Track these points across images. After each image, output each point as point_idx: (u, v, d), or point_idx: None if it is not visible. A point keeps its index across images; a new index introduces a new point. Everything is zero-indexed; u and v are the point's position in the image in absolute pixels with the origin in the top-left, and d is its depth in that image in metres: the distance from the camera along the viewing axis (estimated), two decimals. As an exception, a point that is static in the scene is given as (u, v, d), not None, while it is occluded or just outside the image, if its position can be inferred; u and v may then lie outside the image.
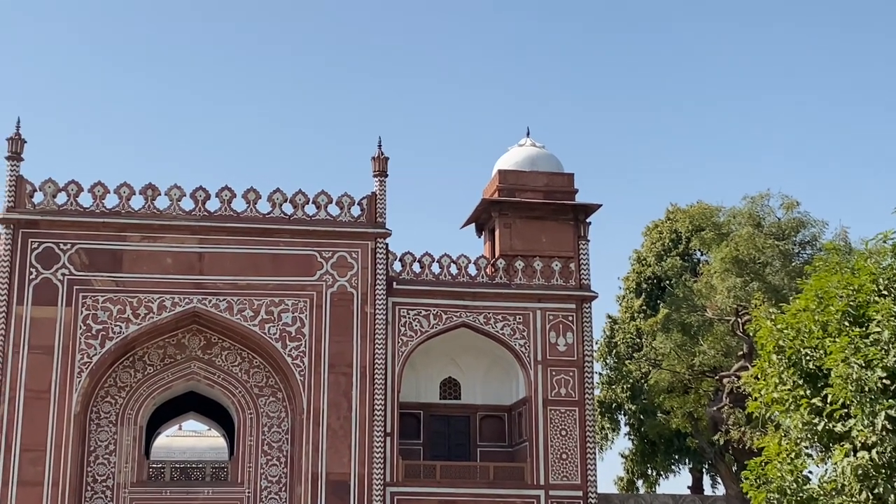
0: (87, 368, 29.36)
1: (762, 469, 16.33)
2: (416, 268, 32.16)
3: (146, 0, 74.05)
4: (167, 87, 75.97)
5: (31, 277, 29.55)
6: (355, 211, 31.71)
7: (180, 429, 44.70)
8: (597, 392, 37.89)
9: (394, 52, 75.89)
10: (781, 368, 15.98)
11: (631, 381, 41.12)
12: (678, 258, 41.33)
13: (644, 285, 43.05)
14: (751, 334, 27.34)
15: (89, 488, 30.06)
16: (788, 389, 15.83)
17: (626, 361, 41.19)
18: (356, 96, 77.14)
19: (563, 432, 31.56)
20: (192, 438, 45.93)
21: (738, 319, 32.13)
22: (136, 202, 30.70)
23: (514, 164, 34.17)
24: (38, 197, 30.19)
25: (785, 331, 16.04)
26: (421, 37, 76.30)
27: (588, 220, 33.40)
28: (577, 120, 75.49)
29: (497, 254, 32.97)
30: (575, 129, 73.96)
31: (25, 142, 30.45)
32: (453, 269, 32.30)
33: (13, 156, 30.25)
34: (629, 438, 43.41)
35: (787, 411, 15.85)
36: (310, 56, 76.19)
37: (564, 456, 31.44)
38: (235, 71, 75.73)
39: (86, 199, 30.43)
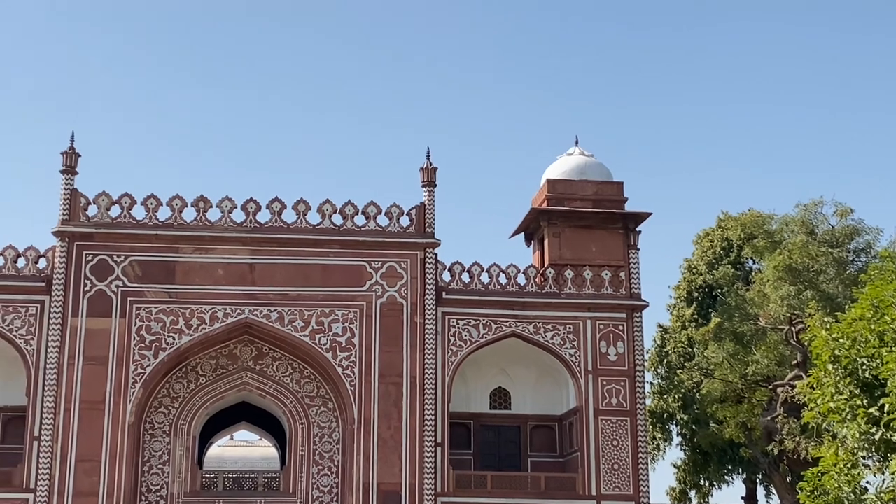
0: (140, 379, 29.67)
1: (819, 480, 16.11)
2: (466, 278, 32.14)
3: (198, 12, 74.94)
4: (217, 99, 76.81)
5: (85, 289, 29.93)
6: (404, 221, 31.78)
7: (232, 439, 45.03)
8: (648, 402, 37.60)
9: (442, 62, 76.13)
10: (837, 378, 15.76)
11: (683, 390, 40.78)
12: (730, 267, 40.99)
13: (695, 294, 42.72)
14: (805, 343, 27.10)
15: (143, 498, 30.35)
16: (845, 399, 15.61)
17: (678, 371, 40.86)
18: (405, 107, 77.47)
19: (615, 442, 31.34)
20: (243, 448, 46.27)
21: (792, 328, 31.77)
22: (189, 214, 31.03)
23: (562, 173, 34.06)
24: (92, 210, 30.59)
25: (840, 340, 15.83)
26: (469, 47, 76.47)
27: (638, 229, 33.20)
28: (627, 128, 75.24)
29: (546, 263, 32.86)
30: (624, 138, 73.72)
31: (80, 155, 30.90)
32: (502, 279, 32.23)
33: (68, 169, 30.69)
34: (681, 449, 43.08)
35: (844, 421, 15.63)
36: (359, 68, 76.61)
37: (616, 466, 31.22)
38: (285, 82, 76.38)
39: (139, 212, 30.83)
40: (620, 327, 32.08)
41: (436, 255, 31.66)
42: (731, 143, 75.42)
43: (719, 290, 40.69)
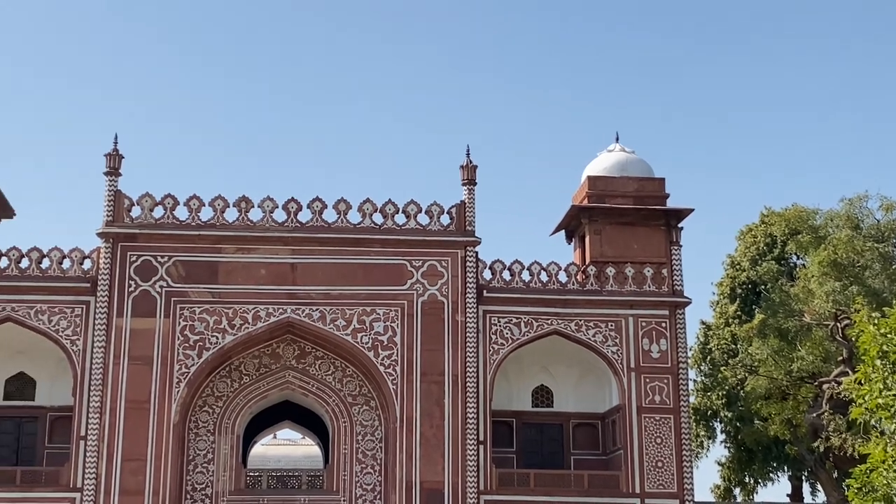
0: (185, 379, 29.90)
1: (867, 477, 15.94)
2: (507, 275, 32.08)
3: (239, 11, 75.44)
4: (256, 98, 77.27)
5: (129, 290, 30.20)
6: (445, 220, 31.79)
7: (275, 437, 45.26)
8: (691, 399, 37.37)
9: (482, 59, 76.09)
10: (886, 373, 15.59)
11: (727, 387, 40.50)
12: (774, 262, 40.68)
13: (738, 290, 42.42)
14: (851, 339, 26.81)
15: (189, 497, 30.60)
16: (894, 395, 15.43)
17: (722, 368, 40.59)
18: (445, 105, 77.50)
19: (659, 440, 31.17)
20: (286, 447, 46.51)
21: (838, 324, 31.44)
22: (230, 214, 31.20)
23: (603, 170, 33.91)
24: (135, 211, 30.86)
25: (888, 335, 15.66)
26: (510, 44, 76.37)
27: (680, 225, 32.98)
28: (668, 124, 74.80)
29: (587, 260, 32.74)
30: (665, 134, 73.31)
31: (123, 157, 31.19)
32: (543, 277, 32.14)
33: (111, 171, 30.98)
34: (725, 446, 42.80)
35: (893, 417, 15.45)
36: (399, 66, 76.76)
37: (660, 464, 31.05)
38: (324, 81, 76.67)
39: (182, 212, 31.05)
40: (663, 324, 31.89)
41: (476, 253, 31.63)
42: (774, 138, 74.83)
43: (763, 287, 40.36)
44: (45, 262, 30.62)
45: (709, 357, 42.17)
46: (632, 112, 72.06)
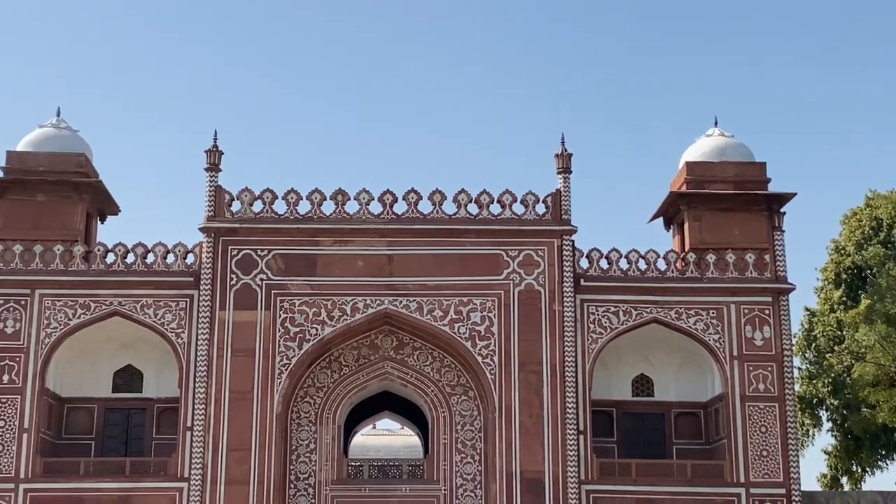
0: (286, 370, 30.32)
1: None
2: (604, 264, 31.79)
3: (337, 6, 76.10)
4: (350, 91, 77.90)
5: (231, 283, 30.72)
6: (540, 209, 31.62)
7: (374, 428, 45.70)
8: (796, 387, 36.61)
9: (575, 46, 75.51)
10: None
11: (832, 375, 39.65)
12: (880, 246, 39.58)
13: (844, 276, 41.48)
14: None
15: (292, 486, 31.07)
16: None
17: (827, 355, 39.76)
18: (537, 93, 77.13)
19: (763, 429, 30.61)
20: (386, 437, 46.93)
21: (948, 308, 30.49)
22: (327, 207, 31.51)
23: (702, 155, 33.35)
24: (235, 206, 31.36)
25: None
26: (604, 29, 75.64)
27: (782, 210, 32.26)
28: (767, 107, 73.28)
29: (687, 247, 32.26)
30: (766, 117, 71.81)
31: (222, 153, 31.72)
32: (642, 265, 31.76)
33: (212, 167, 31.53)
34: (832, 434, 41.90)
35: None
36: (491, 55, 76.60)
37: (765, 453, 30.50)
38: (416, 72, 76.91)
39: (280, 206, 31.45)
40: (766, 311, 31.28)
41: (573, 241, 31.40)
42: (877, 118, 72.72)
43: (869, 271, 39.35)
44: (150, 258, 31.32)
45: (813, 344, 41.34)
46: (731, 96, 70.77)
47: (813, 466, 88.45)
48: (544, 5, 75.11)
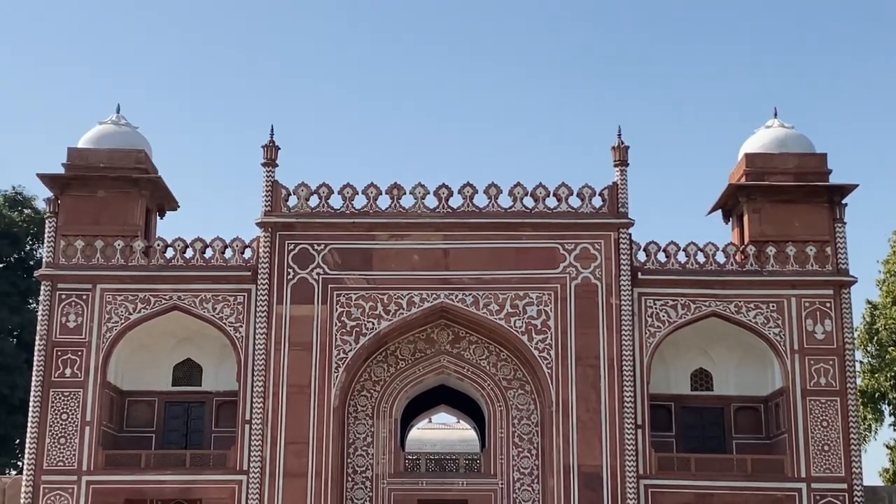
0: (343, 364, 30.44)
1: None
2: (662, 257, 31.51)
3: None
4: (406, 87, 77.99)
5: (288, 278, 30.89)
6: (597, 202, 31.40)
7: (430, 421, 45.75)
8: (858, 381, 36.09)
9: (632, 36, 74.95)
10: None
11: (895, 368, 39.04)
12: (944, 237, 38.93)
13: (906, 267, 40.80)
14: None
15: (350, 479, 31.21)
16: None
17: (889, 348, 39.17)
18: (594, 85, 76.66)
19: (825, 423, 30.19)
20: (442, 431, 46.96)
21: None
22: (383, 202, 31.54)
23: (761, 147, 32.90)
24: (292, 200, 31.51)
25: None
26: (659, 20, 74.96)
27: (844, 202, 31.76)
28: (828, 97, 72.23)
29: (746, 240, 31.87)
30: (826, 108, 70.79)
31: (279, 148, 31.88)
32: (700, 258, 31.43)
33: (269, 162, 31.70)
34: (894, 428, 41.35)
35: None
36: (545, 46, 76.26)
37: (826, 448, 30.07)
38: (473, 66, 76.81)
39: (336, 201, 31.53)
40: (827, 304, 30.83)
41: (630, 235, 31.16)
42: (940, 108, 71.27)
43: (933, 263, 38.69)
44: (209, 252, 31.58)
45: (875, 338, 40.76)
46: (791, 86, 69.86)
47: (875, 461, 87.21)
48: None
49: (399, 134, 79.05)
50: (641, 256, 31.41)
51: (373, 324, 30.67)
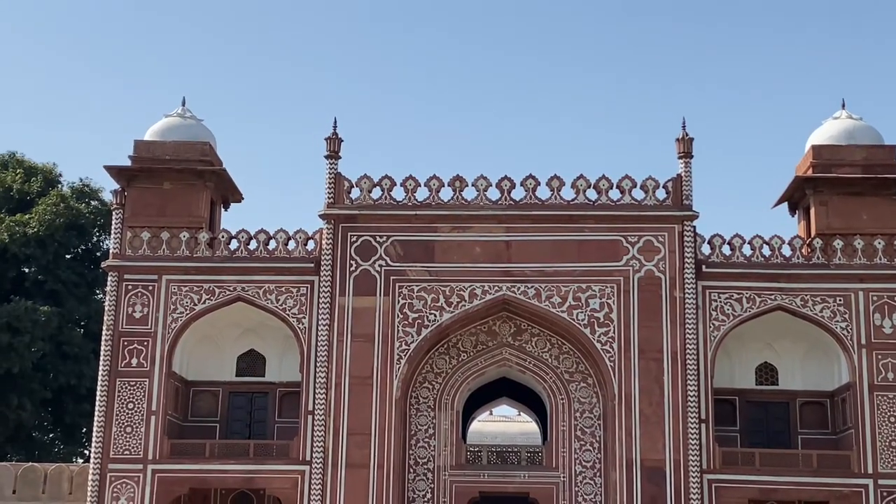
0: (405, 355, 30.51)
1: None
2: (726, 250, 31.19)
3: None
4: (467, 80, 77.93)
5: (351, 269, 31.02)
6: (660, 194, 31.15)
7: (491, 414, 45.73)
8: (927, 377, 35.37)
9: (696, 27, 74.17)
10: None
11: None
12: None
13: (977, 262, 39.80)
14: None
15: (411, 470, 31.29)
16: None
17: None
18: (658, 78, 76.03)
19: (892, 419, 29.72)
20: (503, 423, 46.91)
21: None
22: (445, 194, 31.52)
23: (829, 139, 32.42)
24: (354, 192, 31.62)
25: None
26: (725, 12, 74.10)
27: (913, 194, 31.21)
28: None
29: (813, 233, 31.43)
30: (895, 98, 69.48)
31: (342, 140, 32.02)
32: (766, 251, 31.06)
33: (332, 154, 31.86)
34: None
35: None
36: (609, 38, 75.76)
37: (894, 444, 29.62)
38: (530, 58, 76.53)
39: (398, 193, 31.58)
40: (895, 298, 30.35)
41: (694, 227, 30.87)
42: None
43: None
44: (272, 244, 31.82)
45: (945, 332, 39.81)
46: (859, 78, 68.71)
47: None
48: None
49: (462, 127, 79.12)
50: (706, 249, 31.12)
51: (435, 316, 30.70)
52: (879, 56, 71.14)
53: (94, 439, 30.93)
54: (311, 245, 31.72)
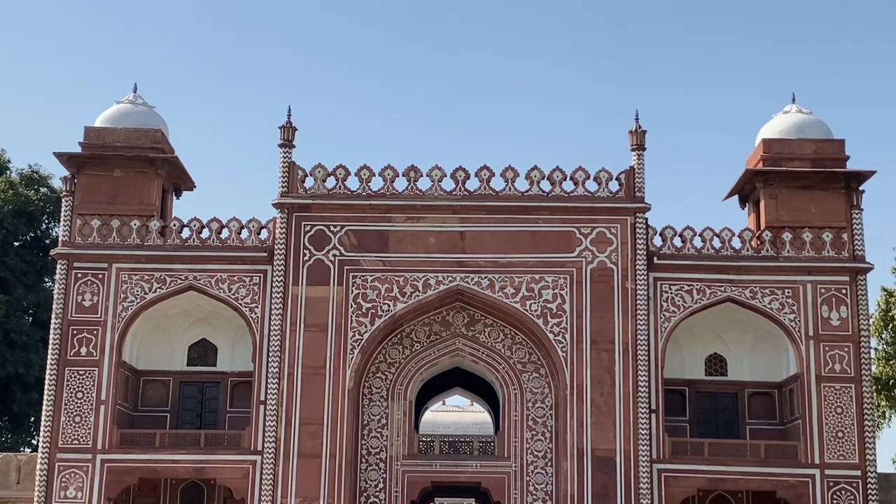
0: (358, 345, 30.48)
1: None
2: (678, 242, 31.47)
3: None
4: (423, 70, 77.84)
5: (304, 259, 30.92)
6: (613, 186, 31.37)
7: (444, 404, 45.87)
8: (873, 368, 35.98)
9: (648, 21, 74.63)
10: None
11: (910, 356, 38.88)
12: (961, 225, 38.73)
13: (922, 255, 40.58)
14: None
15: (364, 460, 31.29)
16: None
17: (904, 336, 38.95)
18: (612, 71, 76.41)
19: (839, 410, 30.17)
20: (455, 413, 47.09)
21: None
22: (400, 184, 31.51)
23: (779, 132, 32.79)
24: (308, 182, 31.51)
25: None
26: (676, 5, 74.63)
27: (861, 188, 31.65)
28: (846, 83, 71.90)
29: (762, 226, 31.80)
30: (844, 93, 70.46)
31: (296, 129, 31.87)
32: (716, 243, 31.39)
33: (286, 143, 31.71)
34: (908, 417, 41.15)
35: None
36: (563, 30, 76.01)
37: (840, 434, 30.06)
38: (488, 50, 76.59)
39: (352, 183, 31.52)
40: (843, 291, 30.77)
41: (646, 219, 31.12)
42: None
43: (949, 251, 38.45)
44: (225, 233, 31.63)
45: (890, 325, 40.55)
46: (808, 71, 69.53)
47: (889, 448, 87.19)
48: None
49: (416, 117, 79.06)
50: (657, 241, 31.38)
51: (388, 306, 30.70)
52: (829, 50, 72.16)
53: (42, 428, 30.60)
54: (264, 234, 31.58)
